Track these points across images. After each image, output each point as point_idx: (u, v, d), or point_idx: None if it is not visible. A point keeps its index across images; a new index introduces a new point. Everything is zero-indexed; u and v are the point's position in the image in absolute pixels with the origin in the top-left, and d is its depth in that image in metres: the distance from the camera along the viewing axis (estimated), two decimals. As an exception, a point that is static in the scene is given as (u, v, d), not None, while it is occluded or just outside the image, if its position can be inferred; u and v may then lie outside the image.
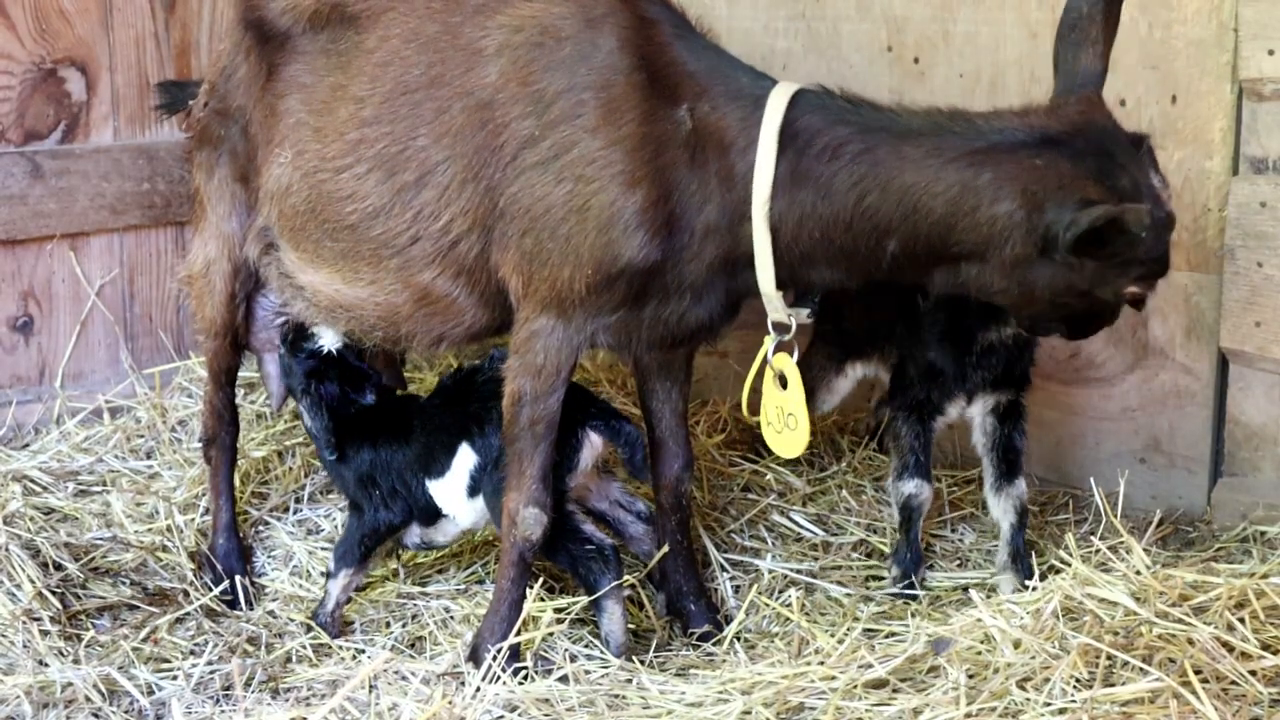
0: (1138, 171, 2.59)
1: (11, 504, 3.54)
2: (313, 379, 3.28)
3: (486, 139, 2.84)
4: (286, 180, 3.12)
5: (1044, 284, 2.64)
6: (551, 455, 2.91)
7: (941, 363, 3.19)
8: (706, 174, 2.75)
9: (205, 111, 3.41)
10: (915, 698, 2.52)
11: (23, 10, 4.10)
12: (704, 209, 2.76)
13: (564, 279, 2.78)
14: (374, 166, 2.97)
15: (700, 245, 2.77)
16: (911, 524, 3.22)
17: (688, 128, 2.74)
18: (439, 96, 2.91)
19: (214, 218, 3.38)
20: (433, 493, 3.18)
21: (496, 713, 2.67)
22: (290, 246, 3.18)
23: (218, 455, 3.53)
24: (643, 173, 2.72)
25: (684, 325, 2.88)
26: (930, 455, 3.26)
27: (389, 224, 2.97)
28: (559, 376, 2.87)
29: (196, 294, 3.47)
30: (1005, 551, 3.22)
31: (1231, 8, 3.31)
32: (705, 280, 2.81)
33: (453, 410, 3.17)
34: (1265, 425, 3.40)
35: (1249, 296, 3.34)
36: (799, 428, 2.92)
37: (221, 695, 2.93)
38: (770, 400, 2.94)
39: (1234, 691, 2.40)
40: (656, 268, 2.77)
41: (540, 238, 2.80)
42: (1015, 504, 3.22)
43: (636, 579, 3.20)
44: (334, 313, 3.17)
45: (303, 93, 3.13)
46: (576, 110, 2.77)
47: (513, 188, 2.82)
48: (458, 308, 2.99)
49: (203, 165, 3.42)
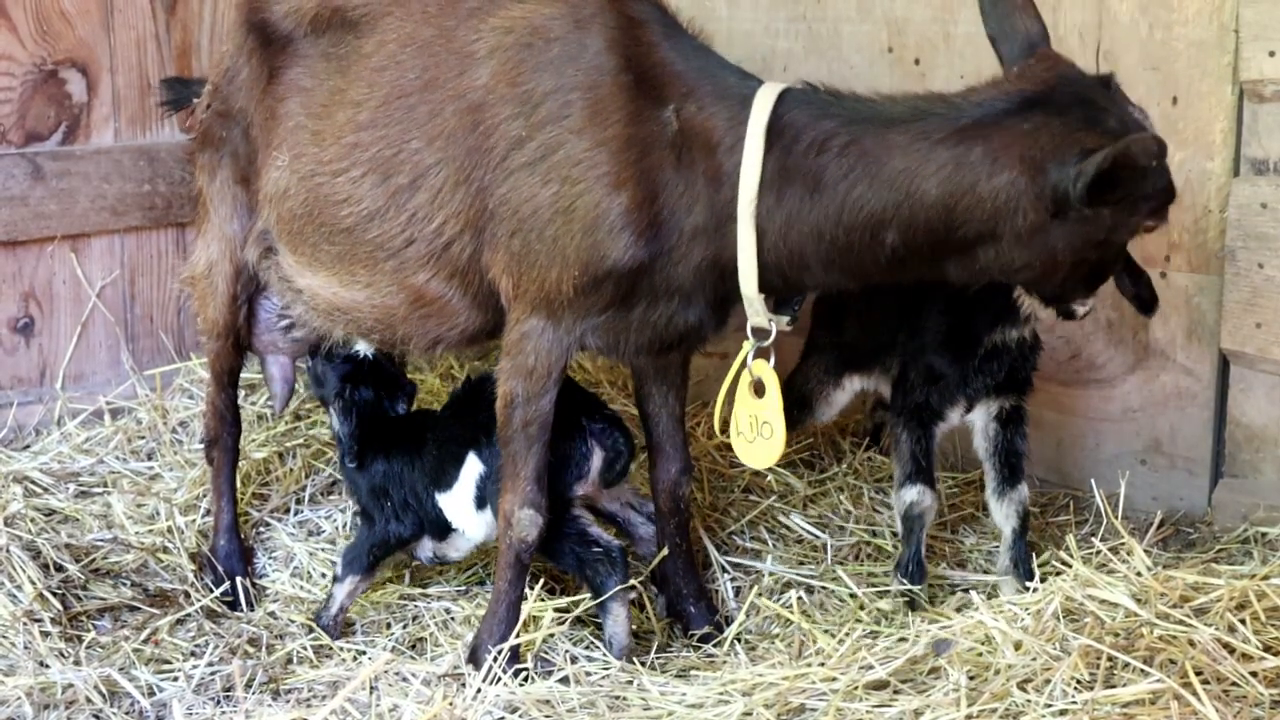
0: (1119, 109, 2.57)
1: (12, 505, 3.54)
2: (348, 383, 3.28)
3: (477, 141, 2.84)
4: (284, 183, 3.13)
5: (1064, 246, 2.58)
6: (546, 456, 2.91)
7: (943, 367, 3.18)
8: (694, 174, 2.73)
9: (208, 113, 3.42)
10: (916, 699, 2.52)
11: (24, 12, 4.11)
12: (691, 210, 2.73)
13: (552, 280, 2.78)
14: (369, 170, 2.97)
15: (688, 247, 2.75)
16: (914, 534, 3.17)
17: (674, 128, 2.72)
18: (432, 100, 2.91)
19: (216, 219, 3.39)
20: (442, 506, 3.18)
21: (497, 714, 2.67)
22: (288, 250, 3.19)
23: (220, 456, 3.53)
24: (628, 174, 2.71)
25: (672, 328, 2.86)
26: (933, 462, 3.22)
27: (384, 227, 2.97)
28: (550, 378, 2.86)
29: (199, 295, 3.48)
30: (1007, 556, 3.20)
31: (1232, 9, 3.31)
32: (693, 283, 2.79)
33: (462, 421, 3.17)
34: (1266, 427, 3.40)
35: (1250, 298, 3.34)
36: (774, 437, 2.85)
37: (222, 696, 2.93)
38: (744, 408, 2.87)
39: (1235, 693, 2.40)
40: (643, 269, 2.75)
41: (528, 239, 2.79)
42: (1018, 509, 3.20)
43: (638, 579, 3.20)
44: (332, 316, 3.18)
45: (302, 96, 3.14)
46: (563, 111, 2.76)
47: (502, 189, 2.82)
48: (452, 309, 2.99)
49: (205, 167, 3.43)
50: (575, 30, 2.80)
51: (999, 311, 3.08)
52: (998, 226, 2.56)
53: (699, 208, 2.73)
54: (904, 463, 3.21)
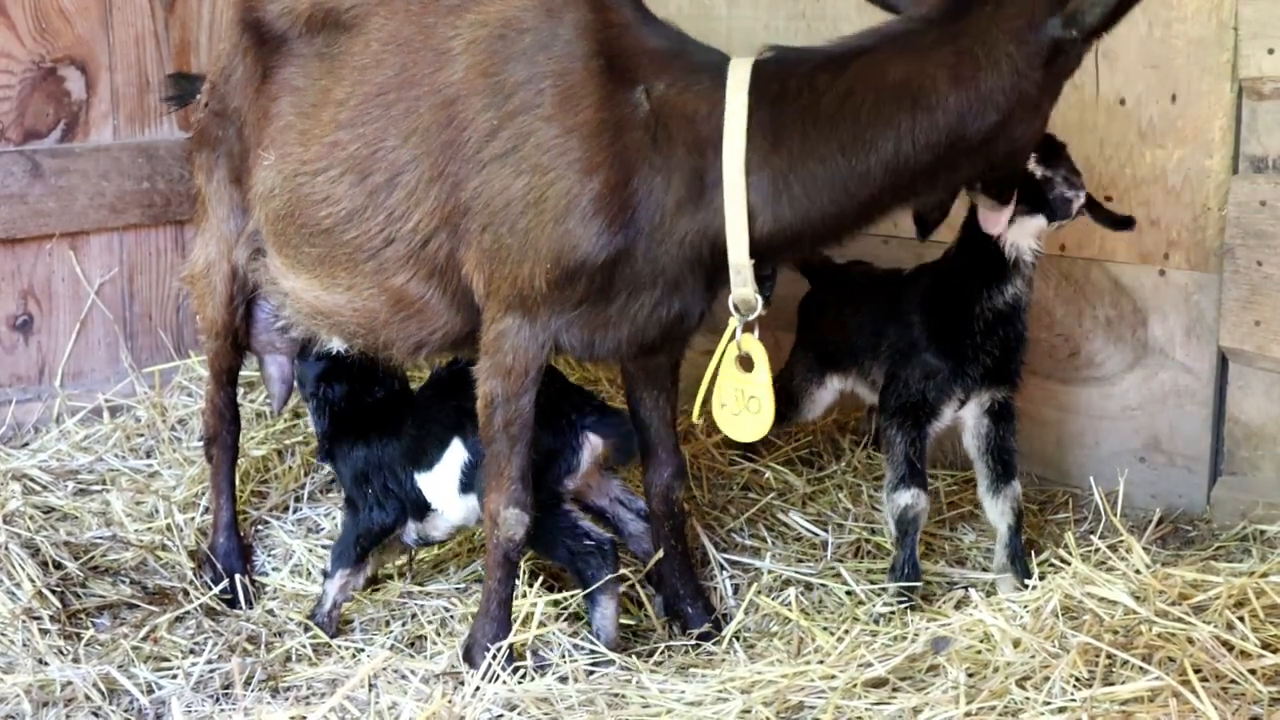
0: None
1: (11, 503, 3.54)
2: (322, 381, 3.29)
3: (450, 135, 2.82)
4: (271, 183, 3.11)
5: (1050, 98, 2.70)
6: (530, 454, 2.90)
7: (937, 361, 3.16)
8: (672, 149, 2.71)
9: (205, 112, 3.42)
10: (915, 697, 2.52)
11: (22, 9, 4.11)
12: (670, 186, 2.71)
13: (524, 275, 2.76)
14: (347, 169, 2.96)
15: (671, 224, 2.72)
16: (908, 536, 3.16)
17: (645, 109, 2.72)
18: (409, 97, 2.89)
19: (215, 219, 3.39)
20: (421, 486, 3.18)
21: (496, 712, 2.67)
22: (275, 251, 3.18)
23: (219, 454, 3.54)
24: (601, 158, 2.69)
25: (654, 321, 2.82)
26: (925, 463, 3.21)
27: (363, 226, 2.95)
28: (529, 376, 2.85)
29: (198, 294, 3.48)
30: (1003, 554, 3.20)
31: (1231, 6, 3.31)
32: (679, 264, 2.75)
33: (445, 403, 3.16)
34: (1265, 424, 3.40)
35: (1249, 295, 3.34)
36: (762, 411, 2.83)
37: (221, 694, 2.93)
38: (729, 383, 2.86)
39: (1234, 690, 2.40)
40: (621, 256, 2.73)
41: (499, 233, 2.77)
42: (1012, 505, 3.20)
43: (636, 579, 3.20)
44: (314, 319, 3.17)
45: (294, 95, 3.13)
46: (535, 100, 2.75)
47: (474, 182, 2.80)
48: (432, 311, 2.98)
49: (202, 167, 3.43)
50: (547, 19, 2.80)
51: (986, 276, 3.08)
52: (1007, 100, 2.60)
53: (678, 182, 2.71)
54: (897, 465, 3.18)
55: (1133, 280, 3.60)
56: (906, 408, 3.20)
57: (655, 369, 3.12)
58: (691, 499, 3.55)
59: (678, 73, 2.74)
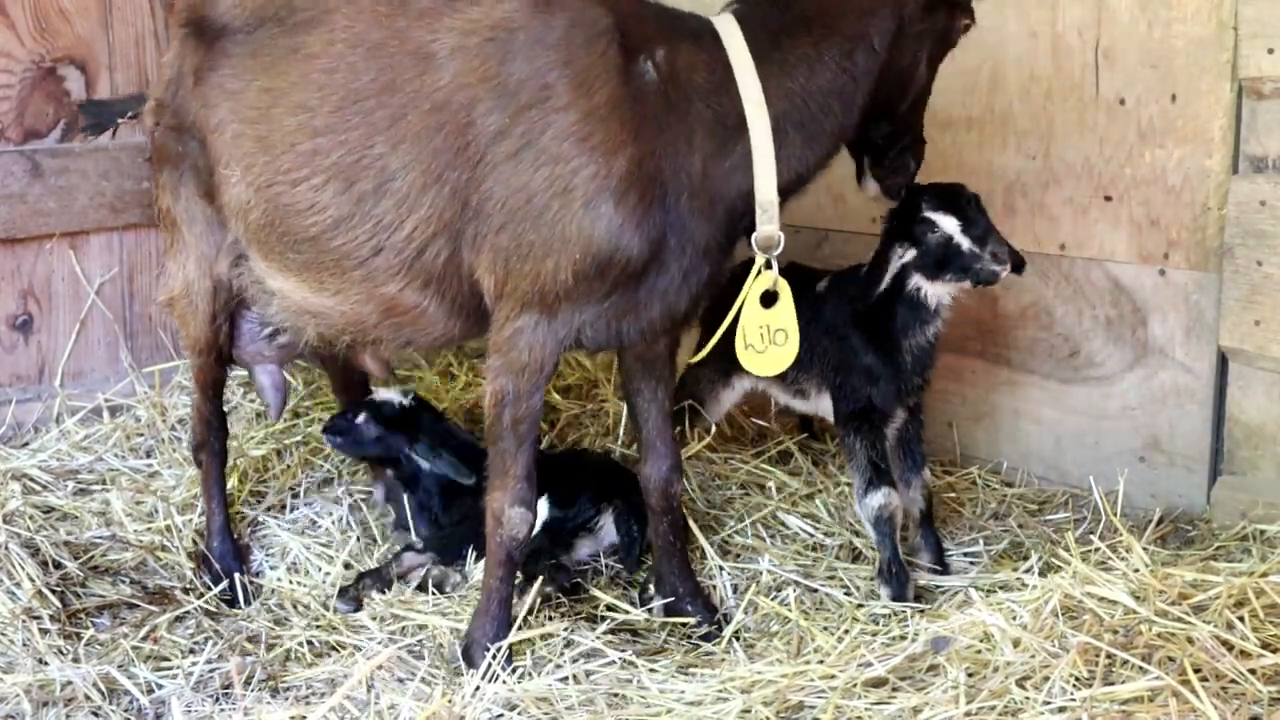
0: None
1: (11, 502, 3.54)
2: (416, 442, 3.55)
3: (445, 141, 2.81)
4: (244, 197, 3.06)
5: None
6: (535, 453, 2.91)
7: (877, 366, 3.28)
8: (688, 107, 2.79)
9: (159, 130, 3.34)
10: (915, 696, 2.52)
11: (22, 9, 4.11)
12: (694, 142, 2.79)
13: (547, 271, 2.76)
14: (331, 177, 2.93)
15: (702, 182, 2.80)
16: (888, 537, 3.21)
17: (654, 76, 2.78)
18: (392, 103, 2.87)
19: (190, 238, 3.33)
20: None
21: (496, 711, 2.67)
22: (259, 255, 3.15)
23: (208, 460, 3.54)
24: (624, 135, 2.73)
25: (685, 292, 2.87)
26: (889, 463, 3.31)
27: (350, 235, 2.93)
28: (542, 374, 2.86)
29: (179, 315, 3.44)
30: (917, 535, 3.38)
31: (1231, 6, 3.31)
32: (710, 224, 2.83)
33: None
34: (1265, 424, 3.39)
35: (1248, 295, 3.33)
36: (788, 343, 2.99)
37: (221, 694, 2.93)
38: (753, 321, 2.97)
39: (1233, 690, 2.40)
40: (657, 231, 2.77)
41: (520, 230, 2.77)
42: (923, 492, 3.37)
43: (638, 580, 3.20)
44: (302, 317, 3.16)
45: (231, 101, 3.06)
46: (544, 93, 2.76)
47: (485, 184, 2.80)
48: (428, 319, 2.98)
49: (167, 186, 3.36)
50: (536, 15, 2.81)
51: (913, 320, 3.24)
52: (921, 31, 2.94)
53: (700, 137, 2.80)
54: (863, 470, 3.28)
55: (1133, 280, 3.60)
56: (859, 413, 3.31)
57: (654, 359, 3.12)
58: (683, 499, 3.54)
59: (670, 37, 2.83)
